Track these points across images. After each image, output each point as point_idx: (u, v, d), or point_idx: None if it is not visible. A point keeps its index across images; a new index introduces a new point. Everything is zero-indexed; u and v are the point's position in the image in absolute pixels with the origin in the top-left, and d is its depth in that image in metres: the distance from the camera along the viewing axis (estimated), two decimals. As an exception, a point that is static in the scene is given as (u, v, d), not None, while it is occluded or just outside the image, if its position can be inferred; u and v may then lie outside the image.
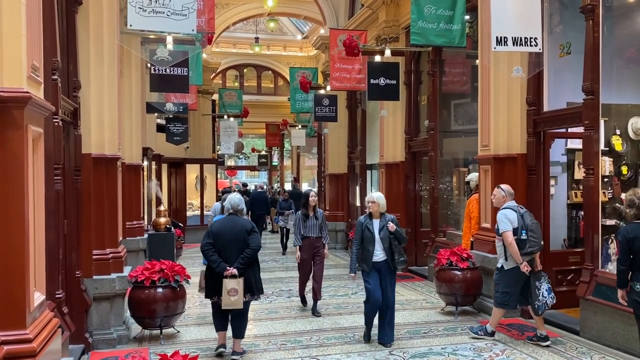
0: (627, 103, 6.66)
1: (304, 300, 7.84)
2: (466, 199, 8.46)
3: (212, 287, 5.55)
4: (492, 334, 6.07)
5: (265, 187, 20.42)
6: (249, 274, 5.49)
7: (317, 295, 7.45)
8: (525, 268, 5.69)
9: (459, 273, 7.00)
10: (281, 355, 5.70)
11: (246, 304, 5.52)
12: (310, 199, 7.48)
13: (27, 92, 2.86)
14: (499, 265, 6.00)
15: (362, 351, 5.77)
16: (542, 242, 5.97)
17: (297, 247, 7.48)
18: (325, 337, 6.33)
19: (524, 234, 5.73)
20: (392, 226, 5.85)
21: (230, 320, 5.62)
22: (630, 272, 4.58)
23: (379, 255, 5.86)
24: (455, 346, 5.88)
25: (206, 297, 5.72)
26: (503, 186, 6.24)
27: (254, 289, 5.56)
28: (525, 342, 5.98)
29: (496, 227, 5.97)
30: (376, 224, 5.94)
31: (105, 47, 6.08)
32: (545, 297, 5.75)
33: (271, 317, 7.32)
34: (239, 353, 5.53)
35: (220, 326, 5.67)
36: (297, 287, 8.03)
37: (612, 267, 5.97)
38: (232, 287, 5.30)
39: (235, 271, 5.34)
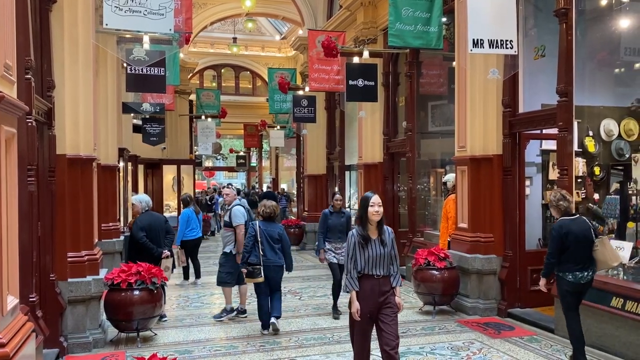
0: (599, 105, 6.81)
1: None
2: (443, 199, 8.55)
3: None
4: (230, 311, 7.31)
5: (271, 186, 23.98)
6: (172, 254, 7.20)
7: None
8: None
9: (437, 273, 7.07)
10: (260, 357, 5.68)
11: None
12: (370, 210, 4.27)
13: (0, 92, 2.80)
14: (227, 250, 7.21)
15: (341, 352, 5.78)
16: None
17: (353, 292, 4.33)
18: (304, 337, 6.33)
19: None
20: None
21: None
22: (560, 264, 5.05)
23: None
24: (433, 345, 5.93)
25: None
26: (231, 187, 7.96)
27: (175, 265, 7.46)
28: (502, 340, 6.06)
29: (228, 220, 7.31)
30: None
31: (80, 46, 5.98)
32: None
33: (250, 319, 7.28)
34: (164, 315, 7.11)
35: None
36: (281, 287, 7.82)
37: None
38: (167, 265, 6.88)
39: (169, 253, 6.99)
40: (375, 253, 4.29)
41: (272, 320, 6.50)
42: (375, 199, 4.32)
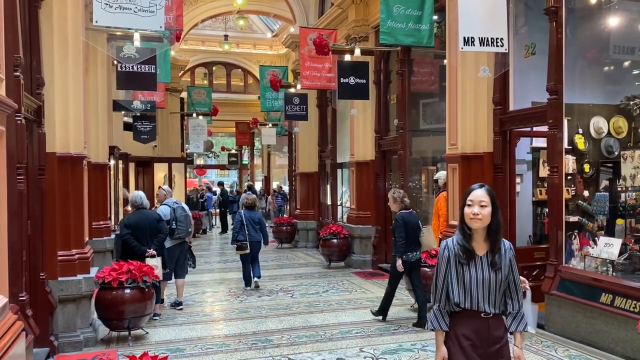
0: (589, 103, 6.85)
1: None
2: (434, 196, 8.58)
3: None
4: (180, 303, 7.73)
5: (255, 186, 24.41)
6: (162, 252, 7.03)
7: None
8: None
9: (428, 270, 7.08)
10: (252, 355, 5.69)
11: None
12: (467, 211, 2.79)
13: (-12, 89, 2.78)
14: (168, 246, 7.42)
15: (333, 349, 5.80)
16: (190, 229, 7.88)
17: (439, 333, 2.98)
18: (296, 335, 6.34)
19: (174, 224, 7.51)
20: None
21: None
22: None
23: None
24: (424, 342, 5.96)
25: None
26: (163, 187, 8.32)
27: (166, 264, 7.15)
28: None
29: None
30: None
31: (70, 43, 5.93)
32: (191, 263, 8.05)
33: (242, 317, 7.29)
34: (159, 314, 7.18)
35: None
36: (273, 285, 7.89)
37: (575, 263, 6.14)
38: (153, 264, 6.60)
39: (154, 252, 6.84)
40: (480, 277, 2.77)
41: (255, 279, 8.81)
42: (477, 194, 2.76)
